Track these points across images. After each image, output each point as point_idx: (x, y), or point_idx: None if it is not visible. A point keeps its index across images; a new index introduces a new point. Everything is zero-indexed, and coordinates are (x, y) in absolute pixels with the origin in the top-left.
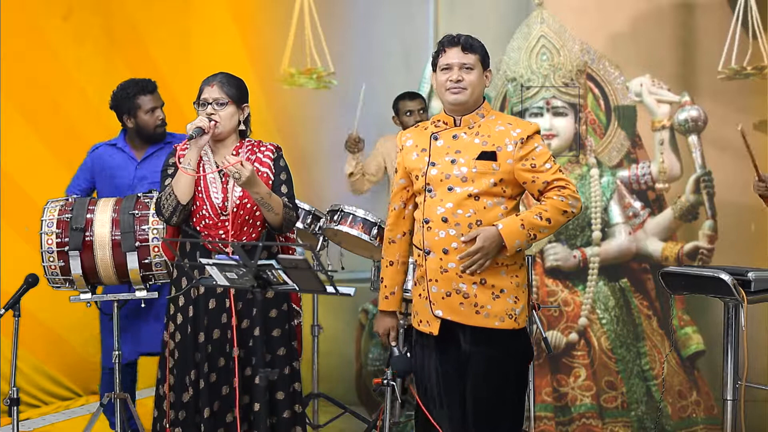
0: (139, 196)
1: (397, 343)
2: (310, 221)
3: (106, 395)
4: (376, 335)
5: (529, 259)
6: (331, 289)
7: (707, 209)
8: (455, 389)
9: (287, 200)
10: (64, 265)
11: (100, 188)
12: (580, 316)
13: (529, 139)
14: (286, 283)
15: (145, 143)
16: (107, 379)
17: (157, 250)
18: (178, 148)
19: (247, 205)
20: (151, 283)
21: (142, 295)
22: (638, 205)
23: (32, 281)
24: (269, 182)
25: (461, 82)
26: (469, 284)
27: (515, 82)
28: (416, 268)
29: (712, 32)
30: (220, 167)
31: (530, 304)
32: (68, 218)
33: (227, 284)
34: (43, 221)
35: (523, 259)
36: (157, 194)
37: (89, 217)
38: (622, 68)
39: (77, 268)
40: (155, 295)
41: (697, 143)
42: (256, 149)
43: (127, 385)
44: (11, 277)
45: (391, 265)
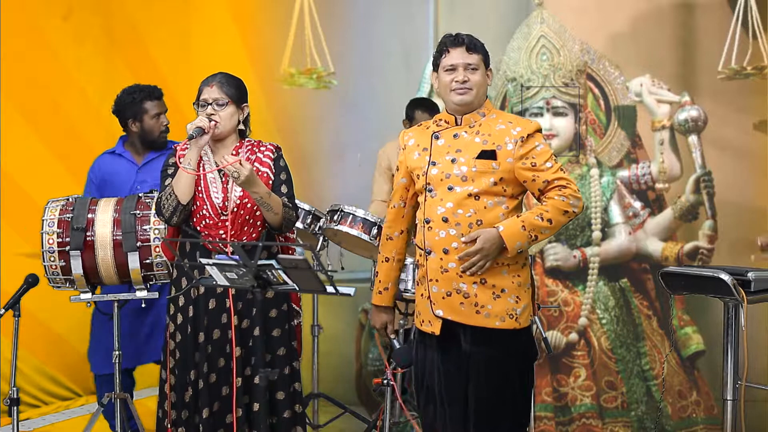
0: (140, 196)
1: (396, 336)
2: (310, 221)
3: (105, 395)
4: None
5: (529, 259)
6: (331, 289)
7: (707, 209)
8: (457, 389)
9: (287, 200)
10: (65, 264)
11: (101, 194)
12: (580, 316)
13: (529, 137)
14: (286, 283)
15: (146, 149)
16: (101, 383)
17: (158, 250)
18: (178, 148)
19: (247, 205)
20: (152, 283)
21: (142, 295)
22: (638, 205)
23: (32, 281)
24: (269, 182)
25: (467, 82)
26: (469, 284)
27: (515, 82)
28: (418, 268)
29: (712, 32)
30: (219, 167)
31: (535, 303)
32: (69, 218)
33: (227, 284)
34: (44, 221)
35: (525, 258)
36: (157, 194)
37: (90, 216)
38: (622, 68)
39: (78, 267)
40: (155, 295)
41: (697, 143)
42: (255, 149)
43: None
44: (11, 277)
45: (386, 261)
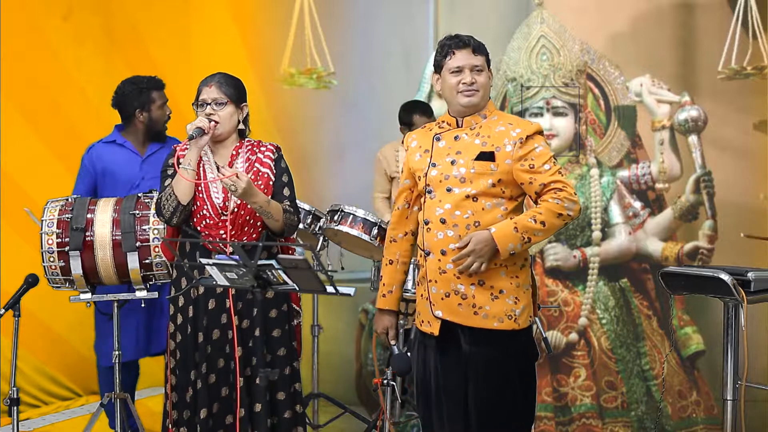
0: (139, 196)
1: (396, 341)
2: (310, 221)
3: (106, 395)
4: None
5: (529, 260)
6: (331, 289)
7: (707, 209)
8: (456, 389)
9: (288, 204)
10: (64, 265)
11: (101, 186)
12: (580, 316)
13: (528, 139)
14: (286, 283)
15: (149, 140)
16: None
17: (157, 250)
18: (177, 148)
19: (247, 205)
20: (151, 283)
21: (142, 295)
22: (638, 205)
23: (32, 281)
24: (269, 183)
25: (474, 84)
26: (467, 285)
27: (515, 82)
28: (418, 268)
29: (712, 32)
30: (217, 178)
31: (535, 304)
32: (69, 218)
33: (227, 284)
34: (43, 221)
35: (525, 260)
36: (157, 194)
37: (90, 217)
38: (622, 68)
39: (78, 268)
40: (155, 294)
41: (697, 143)
42: (256, 149)
43: (128, 383)
44: (11, 277)
45: (390, 263)
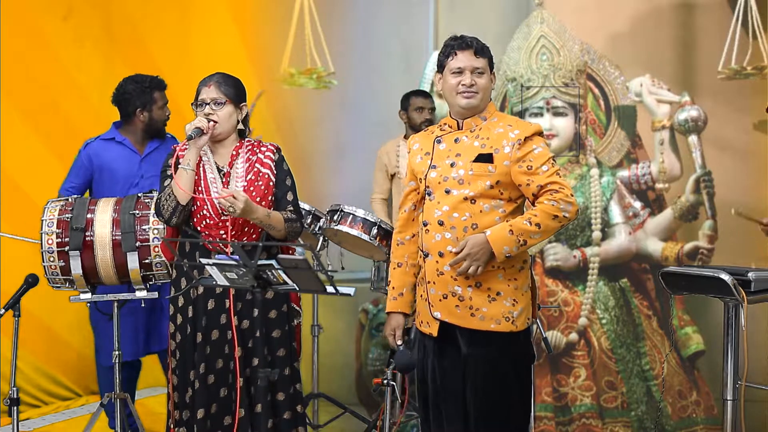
0: (139, 196)
1: (402, 342)
2: (310, 221)
3: (106, 395)
4: (376, 335)
5: (528, 262)
6: (331, 289)
7: (707, 209)
8: (455, 390)
9: (290, 212)
10: (64, 265)
11: (98, 183)
12: (580, 316)
13: (527, 140)
14: (286, 283)
15: (148, 138)
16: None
17: (157, 250)
18: (177, 149)
19: None
20: (151, 283)
21: (142, 295)
22: (638, 205)
23: (32, 281)
24: (270, 183)
25: (474, 86)
26: (464, 287)
27: (515, 82)
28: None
29: (712, 32)
30: (215, 197)
31: (535, 306)
32: (68, 218)
33: (227, 284)
34: (43, 221)
35: (523, 262)
36: (156, 195)
37: (90, 217)
38: (622, 68)
39: (77, 268)
40: (155, 294)
41: (697, 143)
42: (256, 149)
43: (130, 379)
44: (11, 277)
45: (399, 266)
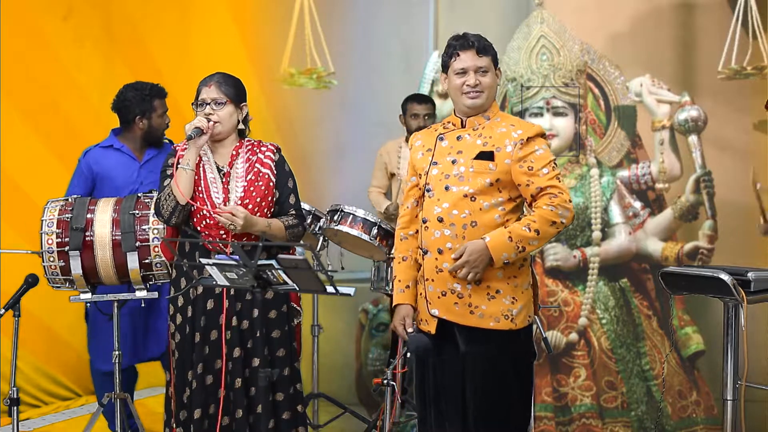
0: (139, 196)
1: (413, 329)
2: (310, 221)
3: (105, 395)
4: (376, 335)
5: (529, 260)
6: (331, 289)
7: (707, 209)
8: (453, 388)
9: (292, 218)
10: (64, 265)
11: (98, 191)
12: (580, 316)
13: (529, 140)
14: (286, 283)
15: (146, 146)
16: (102, 381)
17: (157, 250)
18: (177, 148)
19: (248, 205)
20: (151, 283)
21: (142, 295)
22: (638, 205)
23: (32, 281)
24: (270, 183)
25: (478, 85)
26: (463, 285)
27: (515, 82)
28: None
29: (712, 32)
30: (213, 214)
31: (536, 304)
32: (68, 218)
33: (227, 284)
34: (43, 221)
35: (524, 260)
36: (156, 195)
37: (89, 217)
38: (622, 68)
39: (77, 268)
40: (155, 295)
41: (697, 143)
42: (256, 149)
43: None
44: (11, 277)
45: (404, 260)
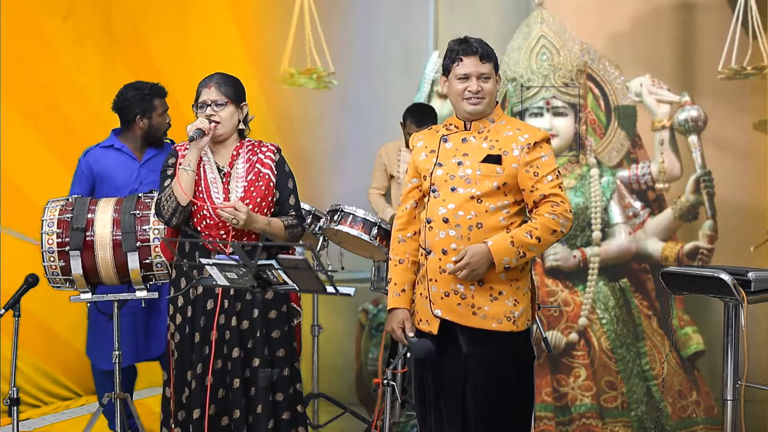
0: (139, 196)
1: (414, 333)
2: (310, 221)
3: (105, 395)
4: (376, 335)
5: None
6: (331, 289)
7: (707, 209)
8: (454, 389)
9: (291, 219)
10: (64, 264)
11: (98, 191)
12: (580, 316)
13: (536, 145)
14: (286, 283)
15: (147, 145)
16: (102, 381)
17: (157, 250)
18: (177, 148)
19: (248, 205)
20: (151, 283)
21: (142, 295)
22: (638, 205)
23: (32, 281)
24: (270, 183)
25: (480, 92)
26: (466, 285)
27: (515, 82)
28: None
29: (712, 32)
30: (216, 208)
31: (534, 306)
32: (69, 218)
33: (227, 284)
34: (43, 221)
35: (525, 263)
36: (157, 195)
37: (90, 217)
38: (622, 68)
39: (78, 267)
40: (155, 295)
41: (697, 143)
42: (256, 149)
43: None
44: (11, 277)
45: (400, 263)
